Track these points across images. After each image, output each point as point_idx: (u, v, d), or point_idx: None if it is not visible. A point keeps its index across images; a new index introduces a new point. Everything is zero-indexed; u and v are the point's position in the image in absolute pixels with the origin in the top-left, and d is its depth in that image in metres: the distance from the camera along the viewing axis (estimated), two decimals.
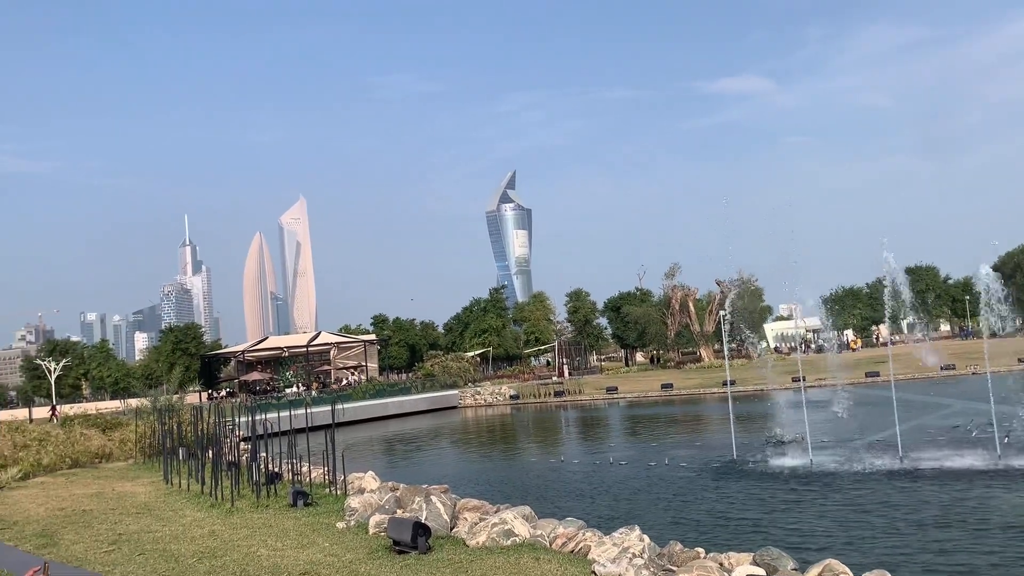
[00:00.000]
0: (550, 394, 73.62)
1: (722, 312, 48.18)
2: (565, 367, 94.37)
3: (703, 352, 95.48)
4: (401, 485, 17.99)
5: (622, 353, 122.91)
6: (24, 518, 15.96)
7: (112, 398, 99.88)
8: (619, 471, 26.77)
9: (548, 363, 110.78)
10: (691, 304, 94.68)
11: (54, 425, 36.43)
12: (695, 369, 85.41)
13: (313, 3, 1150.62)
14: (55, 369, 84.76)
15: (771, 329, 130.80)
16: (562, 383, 79.86)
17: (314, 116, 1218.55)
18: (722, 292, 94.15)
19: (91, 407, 74.05)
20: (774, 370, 70.77)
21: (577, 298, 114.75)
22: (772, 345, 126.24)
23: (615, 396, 68.77)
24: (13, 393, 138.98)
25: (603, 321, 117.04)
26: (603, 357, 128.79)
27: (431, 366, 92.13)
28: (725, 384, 49.05)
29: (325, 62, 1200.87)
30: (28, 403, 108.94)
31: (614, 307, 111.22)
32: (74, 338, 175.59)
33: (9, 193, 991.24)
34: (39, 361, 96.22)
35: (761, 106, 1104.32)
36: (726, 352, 43.82)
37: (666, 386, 68.24)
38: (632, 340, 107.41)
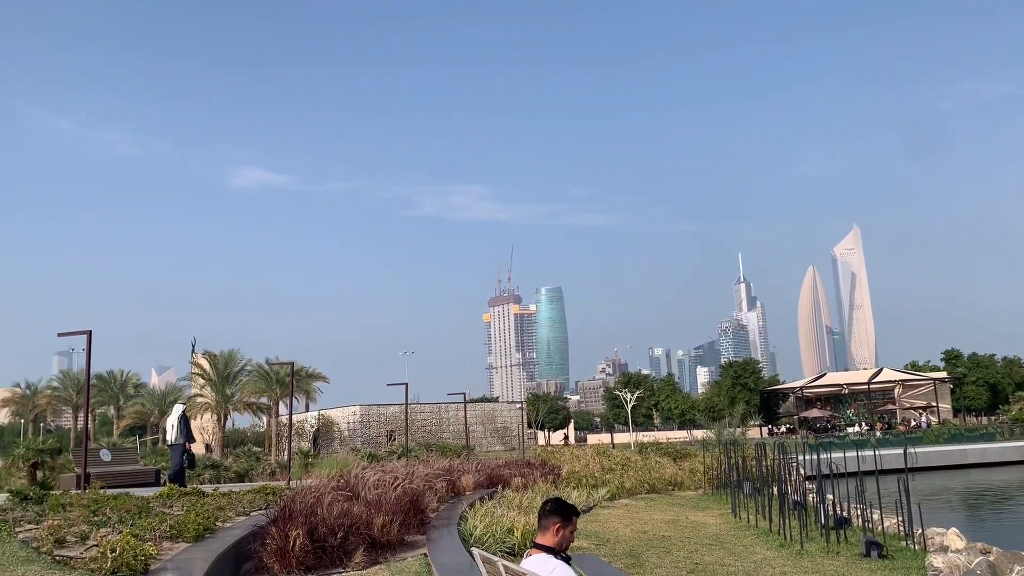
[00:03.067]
0: None
1: None
2: None
3: None
4: (995, 548, 15.66)
5: None
6: (614, 537, 17.84)
7: (679, 428, 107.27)
8: None
9: None
10: None
11: (632, 451, 40.33)
12: None
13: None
14: (630, 400, 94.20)
15: None
16: None
17: (861, 142, 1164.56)
18: None
19: (661, 436, 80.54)
20: None
21: None
22: None
23: None
24: (598, 419, 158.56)
25: None
26: None
27: (1020, 410, 79.60)
28: None
29: (864, 86, 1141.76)
30: (610, 429, 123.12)
31: None
32: (644, 371, 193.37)
33: (584, 244, 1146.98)
34: (616, 392, 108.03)
35: None
36: None
37: None
38: None
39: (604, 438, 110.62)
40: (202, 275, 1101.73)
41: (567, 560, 5.42)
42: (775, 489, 22.11)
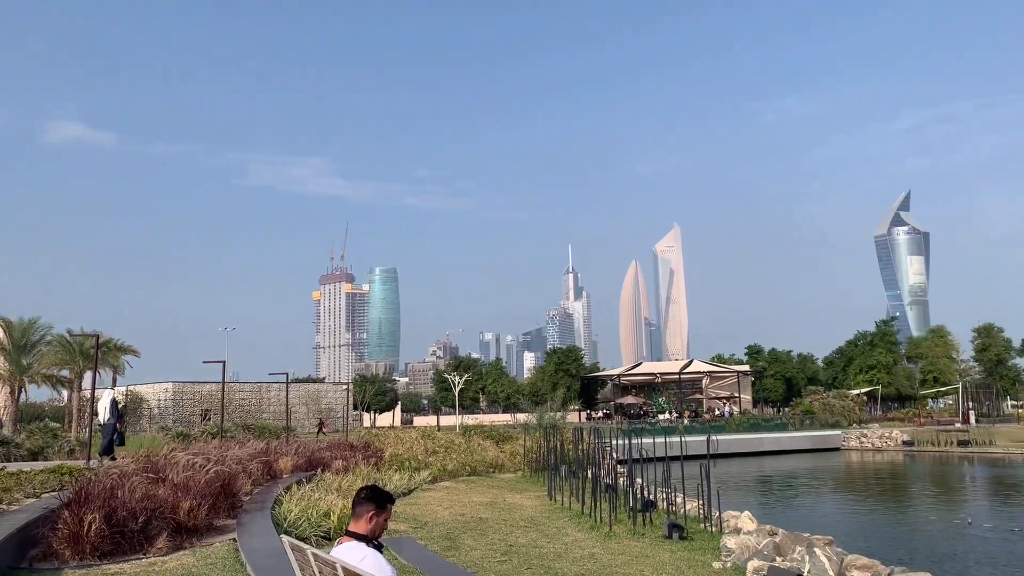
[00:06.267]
0: (952, 443, 65.32)
1: None
2: (971, 413, 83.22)
3: None
4: (780, 530, 17.05)
5: None
6: (433, 520, 17.97)
7: (504, 411, 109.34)
8: None
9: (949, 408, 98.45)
10: None
11: (457, 434, 40.67)
12: None
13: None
14: (458, 383, 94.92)
15: None
16: (967, 431, 70.41)
17: (691, 145, 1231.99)
18: None
19: (486, 419, 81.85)
20: None
21: (987, 334, 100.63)
22: None
23: None
24: (425, 401, 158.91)
25: (1021, 362, 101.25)
26: (1020, 404, 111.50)
27: (810, 402, 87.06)
28: None
29: (703, 90, 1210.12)
30: (437, 412, 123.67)
31: None
32: (474, 355, 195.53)
33: (423, 227, 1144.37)
34: (446, 375, 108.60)
35: None
36: None
37: None
38: None
39: (432, 420, 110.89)
40: (9, 241, 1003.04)
41: (379, 548, 5.36)
42: (589, 472, 23.01)
